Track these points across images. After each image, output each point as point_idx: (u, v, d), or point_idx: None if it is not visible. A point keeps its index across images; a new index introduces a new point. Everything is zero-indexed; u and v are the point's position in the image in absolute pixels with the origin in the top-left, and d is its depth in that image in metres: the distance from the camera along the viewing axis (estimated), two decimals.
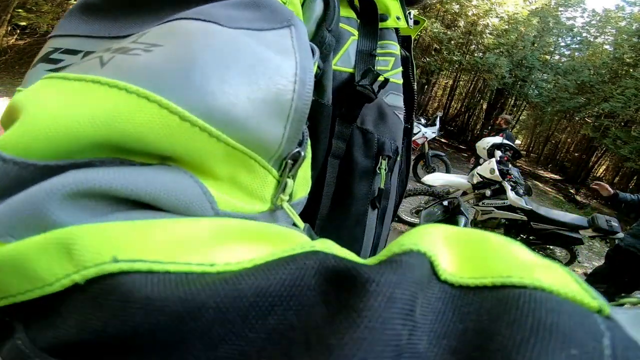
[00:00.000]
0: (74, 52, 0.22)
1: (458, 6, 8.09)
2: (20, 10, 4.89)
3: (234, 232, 0.17)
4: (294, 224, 0.25)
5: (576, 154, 12.31)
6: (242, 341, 0.12)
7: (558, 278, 0.13)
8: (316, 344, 0.12)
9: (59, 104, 0.16)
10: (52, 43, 0.23)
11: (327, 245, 0.16)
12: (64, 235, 0.14)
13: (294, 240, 0.18)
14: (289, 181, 0.24)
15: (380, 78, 0.35)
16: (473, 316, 0.12)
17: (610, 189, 2.54)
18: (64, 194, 0.15)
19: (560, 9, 10.50)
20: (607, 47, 10.53)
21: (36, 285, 0.14)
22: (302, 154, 0.24)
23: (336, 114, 0.37)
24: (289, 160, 0.23)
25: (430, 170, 4.64)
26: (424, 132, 4.87)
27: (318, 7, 0.31)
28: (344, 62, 0.37)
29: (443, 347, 0.12)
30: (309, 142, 0.27)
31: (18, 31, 5.43)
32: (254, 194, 0.22)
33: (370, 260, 0.15)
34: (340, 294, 0.13)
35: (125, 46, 0.18)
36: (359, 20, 0.38)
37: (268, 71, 0.20)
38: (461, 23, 8.32)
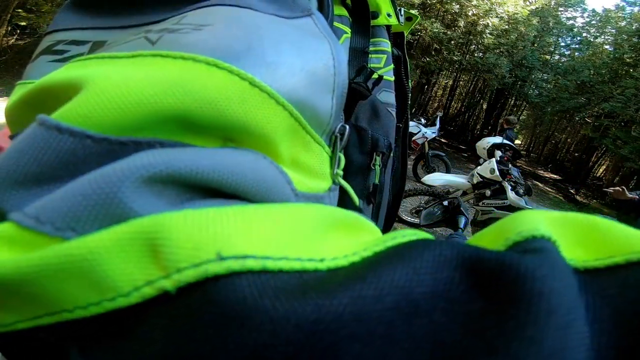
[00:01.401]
0: (80, 42, 0.21)
1: (458, 6, 8.09)
2: (20, 10, 4.89)
3: (326, 219, 0.15)
4: (341, 202, 0.25)
5: (576, 154, 12.31)
6: (388, 354, 0.10)
7: None
8: (484, 342, 0.10)
9: (124, 74, 0.14)
10: (51, 37, 0.22)
11: (420, 233, 0.15)
12: (148, 227, 0.11)
13: (370, 229, 0.18)
14: (341, 156, 0.24)
15: (374, 75, 0.36)
16: (619, 297, 0.11)
17: (628, 193, 2.48)
18: (141, 178, 0.12)
19: (560, 9, 10.51)
20: (607, 47, 10.53)
21: (105, 297, 0.11)
22: (347, 127, 0.24)
23: None
24: (338, 135, 0.23)
25: (430, 170, 4.64)
26: (424, 132, 4.87)
27: (313, 5, 0.31)
28: None
29: (596, 331, 0.11)
30: None
31: (18, 31, 5.43)
32: (316, 173, 0.21)
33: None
34: (500, 286, 0.11)
35: (169, 27, 0.18)
36: (350, 18, 0.38)
37: (311, 47, 0.20)
38: (461, 23, 8.31)
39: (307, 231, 0.13)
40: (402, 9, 0.49)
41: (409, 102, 0.49)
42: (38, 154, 0.13)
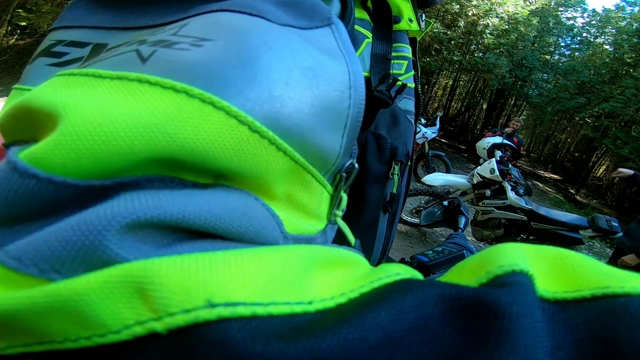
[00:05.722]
0: (80, 44, 0.20)
1: (458, 6, 8.08)
2: (20, 10, 4.90)
3: (314, 260, 0.15)
4: (336, 239, 0.24)
5: (576, 154, 12.31)
6: None
7: None
8: None
9: (103, 109, 0.13)
10: (53, 35, 0.21)
11: (405, 270, 0.16)
12: (136, 271, 0.11)
13: (359, 263, 0.18)
14: (344, 196, 0.22)
15: (398, 83, 0.34)
16: (582, 327, 0.13)
17: (628, 170, 2.59)
18: (126, 226, 0.12)
19: (560, 9, 10.50)
20: (607, 47, 10.53)
21: (94, 332, 0.11)
22: (356, 166, 0.22)
23: None
24: (343, 174, 0.22)
25: (430, 170, 4.64)
26: (424, 132, 4.87)
27: (336, 7, 0.29)
28: None
29: (560, 357, 0.12)
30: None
31: (18, 31, 5.43)
32: (311, 213, 0.20)
33: (468, 284, 0.15)
34: (474, 320, 0.12)
35: (166, 39, 0.16)
36: (372, 23, 0.36)
37: (326, 75, 0.18)
38: (461, 23, 8.31)
39: (295, 273, 0.13)
40: (423, 14, 0.47)
41: (421, 107, 0.48)
42: (17, 202, 0.12)
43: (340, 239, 0.25)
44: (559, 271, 0.15)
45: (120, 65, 0.15)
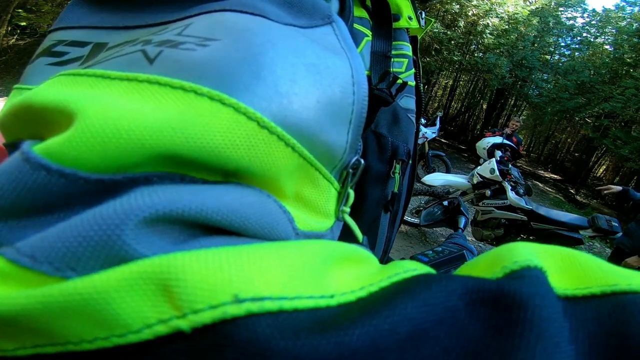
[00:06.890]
0: (80, 44, 0.20)
1: (458, 6, 8.08)
2: (20, 10, 4.89)
3: (331, 255, 0.15)
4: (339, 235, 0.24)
5: (576, 154, 12.32)
6: None
7: None
8: None
9: (117, 107, 0.13)
10: (53, 36, 0.21)
11: (420, 266, 0.16)
12: (158, 267, 0.11)
13: (370, 261, 0.18)
14: (351, 192, 0.23)
15: (398, 81, 0.34)
16: (593, 322, 0.13)
17: (617, 187, 2.62)
18: (143, 220, 0.12)
19: (560, 9, 10.50)
20: (607, 47, 10.53)
21: (113, 333, 0.10)
22: (362, 162, 0.23)
23: None
24: (350, 170, 0.22)
25: (430, 170, 4.64)
26: (424, 132, 4.87)
27: (334, 6, 0.29)
28: None
29: (574, 351, 0.12)
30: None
31: (18, 31, 5.43)
32: (319, 210, 0.20)
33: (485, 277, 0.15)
34: (498, 312, 0.12)
35: (171, 39, 0.16)
36: (371, 21, 0.36)
37: (330, 71, 0.18)
38: (461, 23, 8.31)
39: (315, 267, 0.13)
40: (423, 12, 0.46)
41: (422, 106, 0.48)
42: (26, 193, 0.12)
43: (346, 236, 0.25)
44: (568, 269, 0.15)
45: (128, 65, 0.15)
